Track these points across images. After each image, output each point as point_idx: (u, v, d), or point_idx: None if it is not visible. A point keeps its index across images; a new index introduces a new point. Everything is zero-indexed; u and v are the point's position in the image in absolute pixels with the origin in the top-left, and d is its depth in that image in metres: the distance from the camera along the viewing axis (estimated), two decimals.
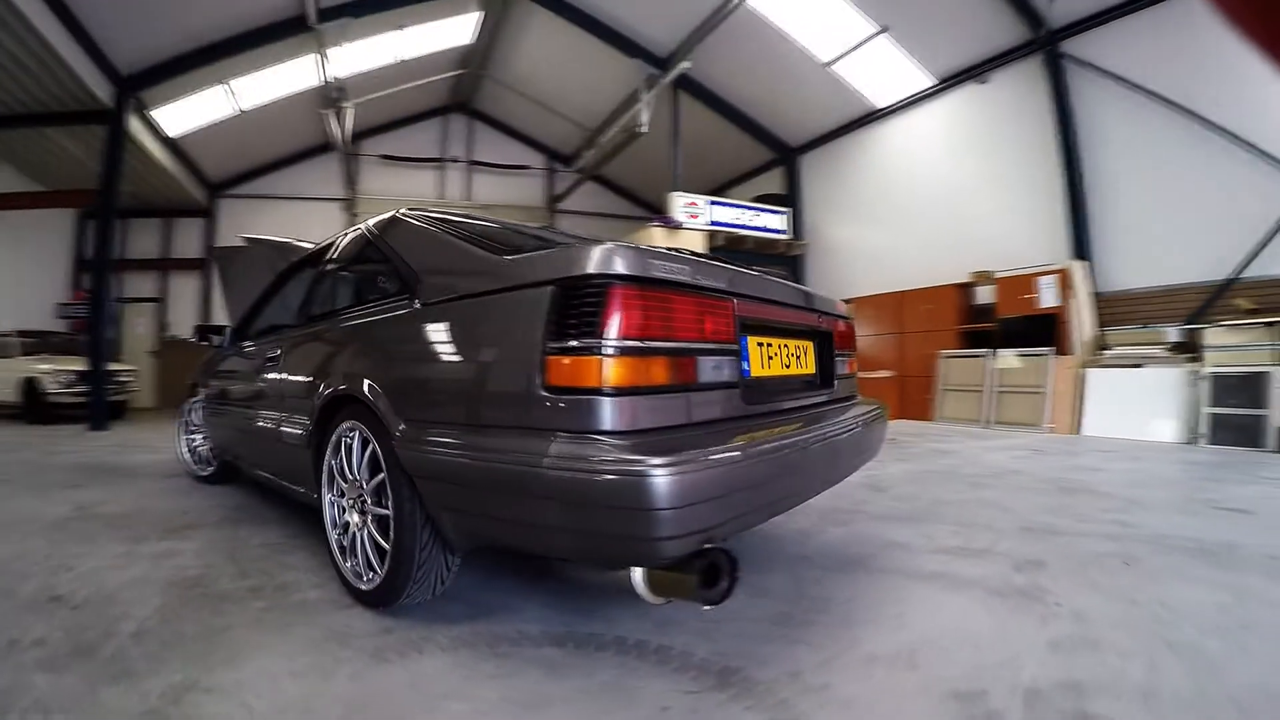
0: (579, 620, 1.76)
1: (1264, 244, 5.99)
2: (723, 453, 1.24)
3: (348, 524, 1.90)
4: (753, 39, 9.26)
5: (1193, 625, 1.73)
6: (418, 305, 1.72)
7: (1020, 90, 7.99)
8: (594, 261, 1.26)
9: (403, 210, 2.19)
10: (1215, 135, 6.27)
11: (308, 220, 12.16)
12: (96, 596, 1.90)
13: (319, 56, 8.79)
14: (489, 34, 11.02)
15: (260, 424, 2.59)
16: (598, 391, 1.22)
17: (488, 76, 12.21)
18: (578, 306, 1.26)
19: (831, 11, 8.33)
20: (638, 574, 1.31)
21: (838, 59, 9.21)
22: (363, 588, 1.80)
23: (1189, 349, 6.18)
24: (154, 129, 9.44)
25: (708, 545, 1.24)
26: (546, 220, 14.29)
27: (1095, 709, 1.30)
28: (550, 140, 14.12)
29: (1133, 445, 5.61)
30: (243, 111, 10.14)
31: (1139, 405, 6.15)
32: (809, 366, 2.02)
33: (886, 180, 10.14)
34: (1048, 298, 7.28)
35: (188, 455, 3.90)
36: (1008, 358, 7.41)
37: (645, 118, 9.83)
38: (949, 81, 8.86)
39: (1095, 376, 6.62)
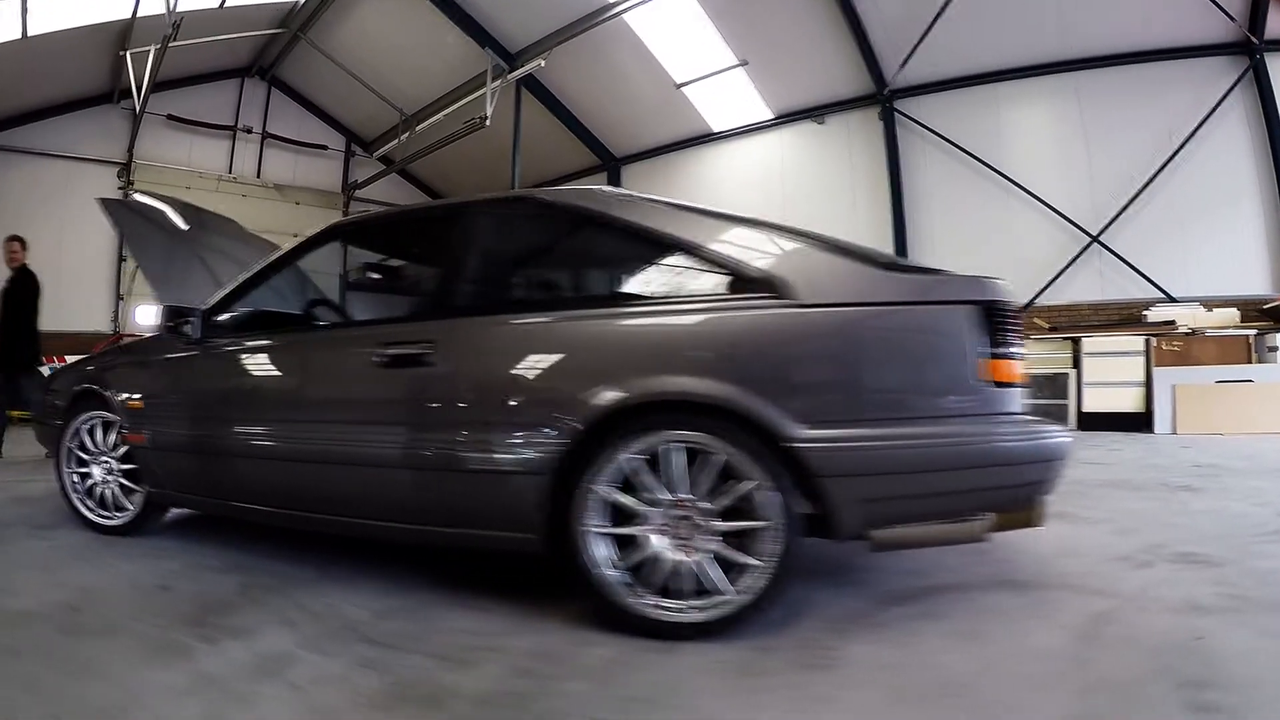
0: (865, 591, 2.35)
1: (1055, 279, 9.29)
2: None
3: (641, 560, 1.96)
4: (612, 50, 10.53)
5: (1154, 514, 3.42)
6: (796, 307, 1.96)
7: (853, 133, 10.58)
8: (1006, 290, 2.00)
9: (637, 194, 2.47)
10: (1021, 193, 9.39)
11: (75, 185, 10.61)
12: None
13: None
14: None
15: (383, 451, 2.35)
16: (1013, 384, 1.96)
17: (306, 40, 11.65)
18: (1002, 322, 1.93)
19: (700, 38, 9.99)
20: (988, 515, 1.94)
21: (691, 82, 10.92)
22: (694, 619, 1.90)
23: None
24: None
25: None
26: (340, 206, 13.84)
27: (1175, 550, 2.76)
28: (354, 122, 13.82)
29: None
30: (27, 36, 8.70)
31: None
32: None
33: (713, 199, 12.07)
34: None
35: (80, 499, 3.27)
36: None
37: (489, 109, 10.47)
38: (786, 117, 11.16)
39: None
